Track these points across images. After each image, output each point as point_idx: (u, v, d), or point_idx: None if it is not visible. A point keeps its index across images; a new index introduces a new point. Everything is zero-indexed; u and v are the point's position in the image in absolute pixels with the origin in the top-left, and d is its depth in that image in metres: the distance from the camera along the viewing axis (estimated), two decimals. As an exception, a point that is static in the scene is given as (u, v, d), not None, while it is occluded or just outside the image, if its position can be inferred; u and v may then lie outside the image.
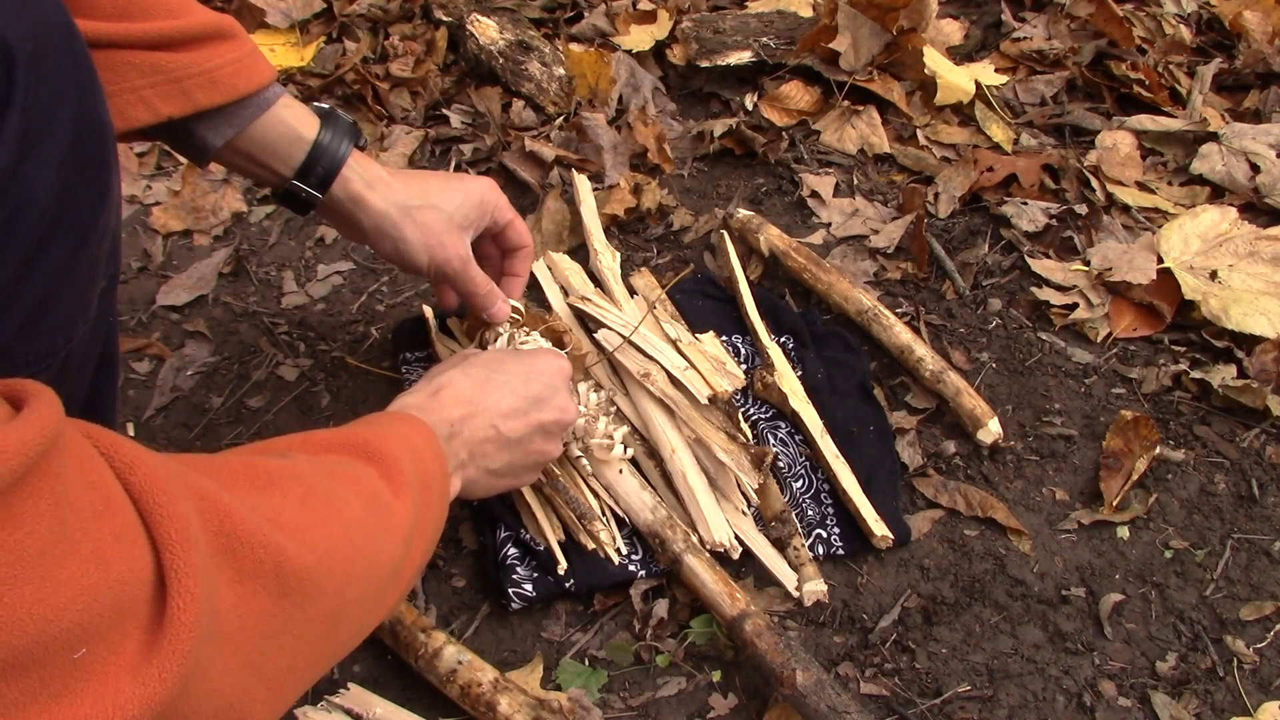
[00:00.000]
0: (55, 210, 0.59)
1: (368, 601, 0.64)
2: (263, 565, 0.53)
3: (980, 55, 1.61)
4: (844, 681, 0.89)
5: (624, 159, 1.40)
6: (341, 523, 0.61)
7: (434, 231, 0.91)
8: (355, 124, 0.90)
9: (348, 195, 0.88)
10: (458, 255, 0.93)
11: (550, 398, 0.88)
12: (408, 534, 0.68)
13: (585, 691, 0.88)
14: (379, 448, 0.69)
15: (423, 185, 0.92)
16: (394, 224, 0.89)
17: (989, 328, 1.18)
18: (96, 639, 0.44)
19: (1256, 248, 1.23)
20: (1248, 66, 1.54)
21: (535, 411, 0.87)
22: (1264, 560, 0.97)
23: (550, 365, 0.91)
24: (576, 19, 1.67)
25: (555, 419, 0.88)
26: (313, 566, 0.57)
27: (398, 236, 0.90)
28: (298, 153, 0.85)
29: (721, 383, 1.02)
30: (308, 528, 0.58)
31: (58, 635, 0.42)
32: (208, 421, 1.12)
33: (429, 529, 0.73)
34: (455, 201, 0.93)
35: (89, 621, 0.43)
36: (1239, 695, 0.88)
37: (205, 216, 1.37)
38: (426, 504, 0.72)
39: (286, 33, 1.63)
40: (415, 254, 0.91)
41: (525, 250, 1.02)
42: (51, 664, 0.42)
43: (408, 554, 0.68)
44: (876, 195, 1.36)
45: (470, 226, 0.95)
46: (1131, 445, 1.04)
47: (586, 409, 0.99)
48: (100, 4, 0.72)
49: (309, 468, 0.63)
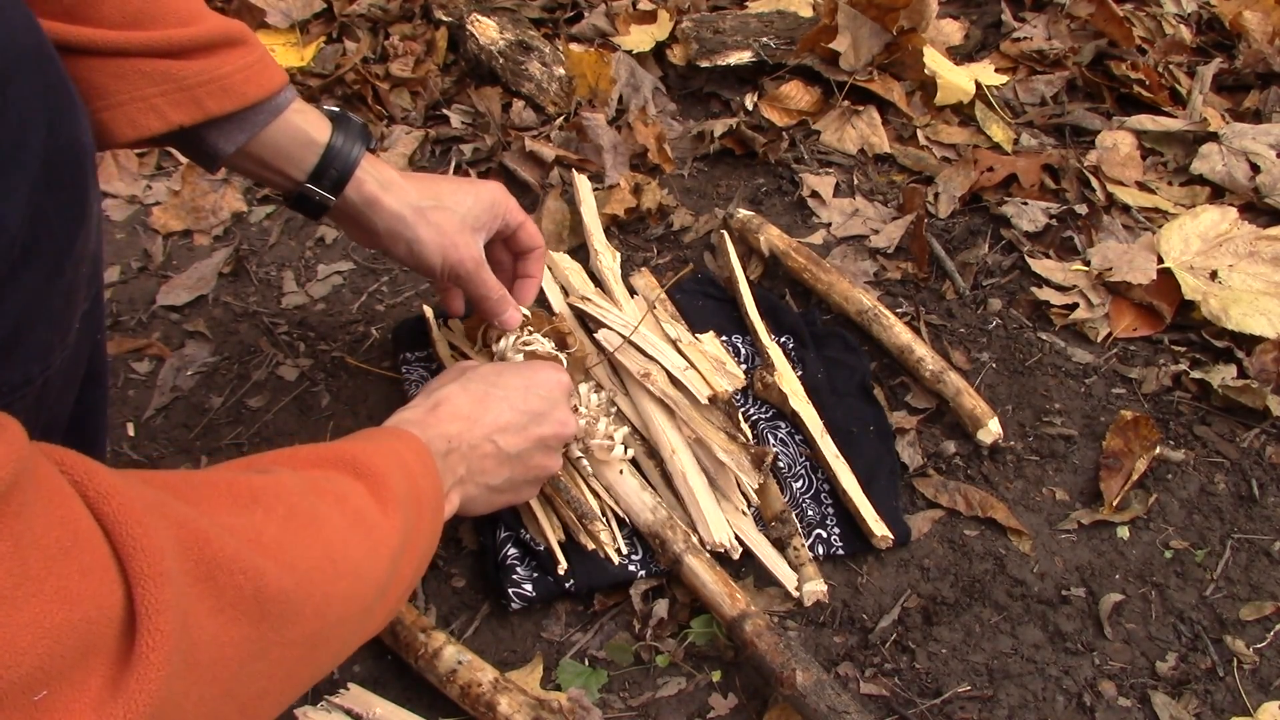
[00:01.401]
0: (27, 238, 0.57)
1: (350, 621, 0.63)
2: (241, 591, 0.52)
3: (980, 55, 1.61)
4: (844, 681, 0.89)
5: (624, 159, 1.40)
6: (324, 542, 0.60)
7: (448, 233, 0.90)
8: (366, 126, 0.89)
9: (361, 198, 0.88)
10: (471, 257, 0.92)
11: (549, 412, 0.88)
12: (396, 552, 0.66)
13: (585, 691, 0.88)
14: (368, 463, 0.68)
15: (434, 188, 0.92)
16: (408, 225, 0.89)
17: (989, 328, 1.18)
18: (59, 679, 0.42)
19: (1256, 248, 1.23)
20: (1248, 66, 1.54)
21: (534, 426, 0.86)
22: (1264, 560, 0.97)
23: (550, 379, 0.90)
24: (576, 19, 1.67)
25: (555, 433, 0.88)
26: (292, 588, 0.55)
27: (412, 238, 0.90)
28: (311, 156, 0.85)
29: (721, 383, 1.02)
30: (289, 547, 0.57)
31: (17, 680, 0.41)
32: (208, 421, 1.12)
33: (420, 546, 0.72)
34: (467, 204, 0.92)
35: (51, 664, 0.42)
36: (1239, 695, 0.88)
37: (205, 216, 1.37)
38: (418, 521, 0.70)
39: (286, 33, 1.63)
40: (429, 255, 0.91)
41: (538, 252, 1.02)
42: (10, 706, 0.41)
43: (396, 572, 0.67)
44: (876, 195, 1.37)
45: (483, 229, 0.94)
46: (1131, 445, 1.04)
47: (587, 409, 0.99)
48: (107, 13, 0.71)
49: (293, 484, 0.62)
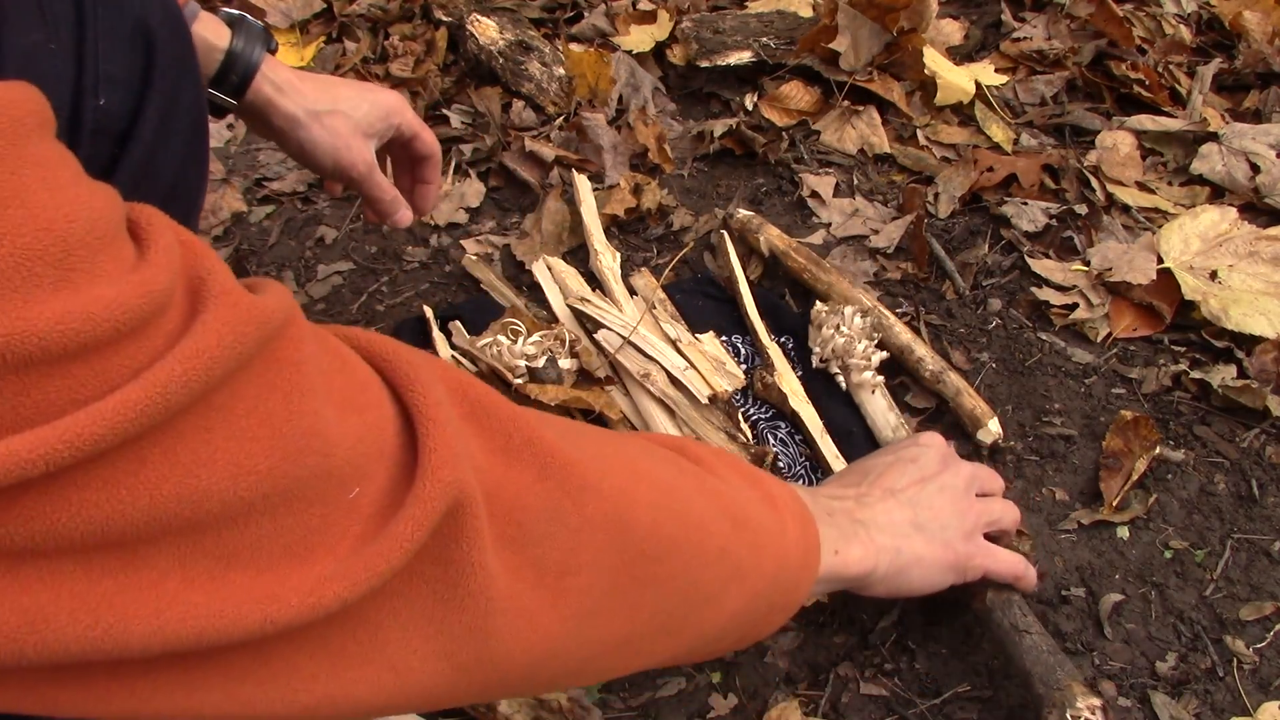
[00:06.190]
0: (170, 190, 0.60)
1: (687, 555, 0.55)
2: (531, 447, 0.48)
3: (980, 55, 1.61)
4: (844, 681, 0.89)
5: (624, 159, 1.40)
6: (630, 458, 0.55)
7: (341, 135, 0.94)
8: (266, 29, 0.93)
9: (258, 100, 0.91)
10: (363, 159, 0.96)
11: (924, 457, 0.84)
12: (735, 514, 0.60)
13: (585, 692, 0.88)
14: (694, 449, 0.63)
15: (333, 92, 0.95)
16: (302, 126, 0.93)
17: (989, 328, 1.18)
18: (365, 479, 0.42)
19: (1256, 248, 1.23)
20: (1248, 66, 1.54)
21: (915, 468, 0.82)
22: (1264, 560, 0.97)
23: (927, 435, 0.88)
24: (576, 19, 1.67)
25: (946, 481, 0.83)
26: (594, 474, 0.50)
27: (304, 138, 0.94)
28: (211, 63, 0.88)
29: (721, 383, 1.02)
30: (585, 445, 0.53)
31: (332, 470, 0.41)
32: (208, 421, 1.12)
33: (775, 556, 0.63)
34: (362, 110, 0.96)
35: (358, 460, 0.42)
36: (1239, 695, 0.88)
37: (205, 216, 1.37)
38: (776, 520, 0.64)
39: (286, 33, 1.63)
40: (321, 157, 0.95)
41: (434, 159, 1.05)
42: (328, 502, 0.41)
43: (737, 540, 0.59)
44: (876, 195, 1.37)
45: (375, 135, 0.98)
46: (1131, 445, 1.04)
47: (849, 329, 1.06)
48: None
49: None
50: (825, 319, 1.10)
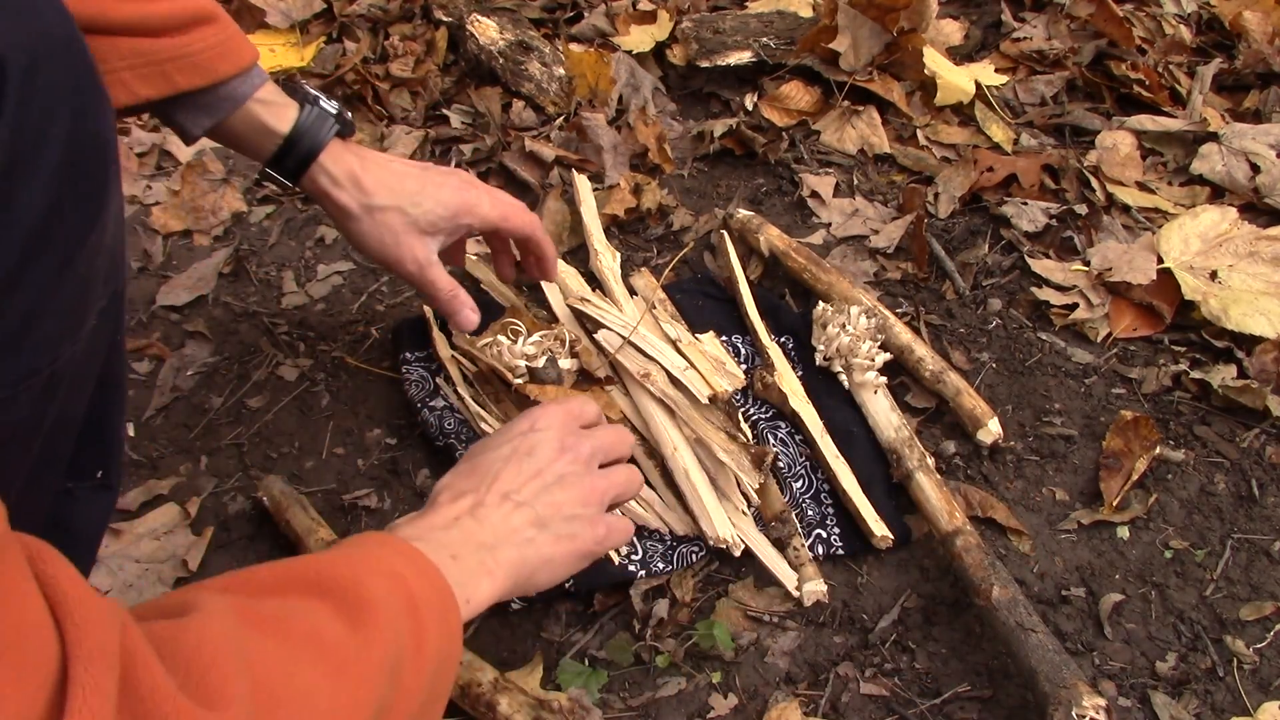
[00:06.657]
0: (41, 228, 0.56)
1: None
2: None
3: (980, 55, 1.61)
4: (844, 681, 0.89)
5: (624, 159, 1.40)
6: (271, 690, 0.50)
7: (392, 231, 0.94)
8: (341, 113, 0.92)
9: (315, 188, 0.93)
10: (412, 258, 0.95)
11: (540, 447, 0.80)
12: (390, 666, 0.57)
13: (585, 691, 0.88)
14: (334, 575, 0.59)
15: (397, 185, 0.94)
16: (354, 219, 0.93)
17: (989, 328, 1.18)
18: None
19: (1256, 248, 1.23)
20: (1248, 66, 1.54)
21: (538, 457, 0.79)
22: (1264, 560, 0.97)
23: (542, 414, 0.84)
24: (576, 19, 1.67)
25: (564, 469, 0.79)
26: None
27: (354, 229, 0.94)
28: (270, 146, 0.89)
29: (721, 383, 1.02)
30: None
31: None
32: (208, 422, 1.12)
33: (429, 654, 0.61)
34: (424, 207, 0.94)
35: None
36: (1239, 695, 0.88)
37: (205, 216, 1.37)
38: (416, 627, 0.60)
39: (286, 33, 1.63)
40: (369, 250, 0.95)
41: (533, 237, 1.02)
42: None
43: (394, 689, 0.57)
44: (876, 195, 1.37)
45: (439, 233, 0.96)
46: (1131, 445, 1.04)
47: (855, 329, 1.07)
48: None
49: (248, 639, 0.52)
50: (830, 318, 1.10)
